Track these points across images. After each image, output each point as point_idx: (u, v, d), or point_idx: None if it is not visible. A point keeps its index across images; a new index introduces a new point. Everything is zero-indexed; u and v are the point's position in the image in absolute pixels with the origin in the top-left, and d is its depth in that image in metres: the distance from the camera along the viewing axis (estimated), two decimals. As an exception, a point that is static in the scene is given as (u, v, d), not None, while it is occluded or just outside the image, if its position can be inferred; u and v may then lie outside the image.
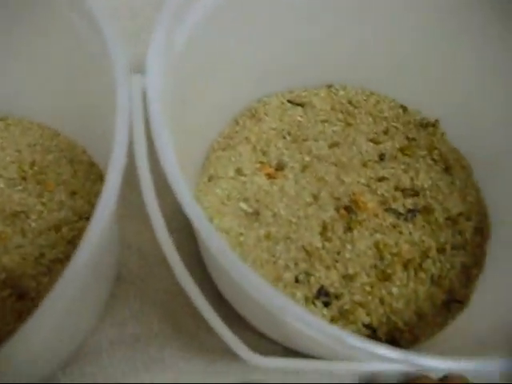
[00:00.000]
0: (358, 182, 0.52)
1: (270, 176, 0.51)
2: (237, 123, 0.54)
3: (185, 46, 0.40)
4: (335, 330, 0.31)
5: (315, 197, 0.51)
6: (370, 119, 0.56)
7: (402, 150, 0.54)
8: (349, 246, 0.49)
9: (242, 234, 0.49)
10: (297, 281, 0.47)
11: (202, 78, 0.46)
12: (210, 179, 0.51)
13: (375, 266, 0.48)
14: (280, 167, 0.52)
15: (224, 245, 0.31)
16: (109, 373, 0.48)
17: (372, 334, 0.47)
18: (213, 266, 0.46)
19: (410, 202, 0.52)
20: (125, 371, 0.48)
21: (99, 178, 0.51)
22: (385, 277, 0.48)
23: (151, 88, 0.35)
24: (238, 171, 0.51)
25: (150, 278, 0.51)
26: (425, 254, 0.49)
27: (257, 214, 0.50)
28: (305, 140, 0.54)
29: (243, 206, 0.50)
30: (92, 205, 0.49)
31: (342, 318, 0.47)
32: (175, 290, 0.50)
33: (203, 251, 0.47)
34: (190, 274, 0.36)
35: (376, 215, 0.50)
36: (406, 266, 0.49)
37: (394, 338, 0.47)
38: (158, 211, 0.36)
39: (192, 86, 0.44)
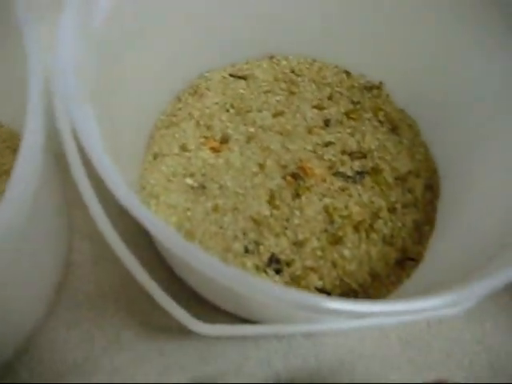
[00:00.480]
0: (305, 148, 0.51)
1: (214, 150, 0.51)
2: (179, 100, 0.54)
3: (108, 23, 0.40)
4: (286, 291, 0.30)
5: (261, 166, 0.50)
6: (314, 86, 0.55)
7: (347, 114, 0.54)
8: (297, 213, 0.48)
9: (189, 208, 0.48)
10: (246, 251, 0.47)
11: (133, 55, 0.45)
12: (155, 157, 0.51)
13: (326, 230, 0.48)
14: (225, 140, 0.51)
15: (165, 227, 0.30)
16: (67, 358, 0.47)
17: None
18: (161, 246, 0.45)
19: (357, 165, 0.51)
20: (83, 355, 0.47)
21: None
22: (336, 240, 0.48)
23: (66, 68, 0.34)
24: (183, 147, 0.51)
25: (103, 261, 0.51)
26: (375, 215, 0.49)
27: (203, 187, 0.49)
28: (248, 111, 0.53)
29: (189, 181, 0.49)
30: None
31: (295, 283, 0.46)
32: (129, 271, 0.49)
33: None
34: (140, 253, 0.36)
35: (324, 180, 0.50)
36: (356, 228, 0.48)
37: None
38: (93, 197, 0.35)
39: (122, 63, 0.44)
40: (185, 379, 0.47)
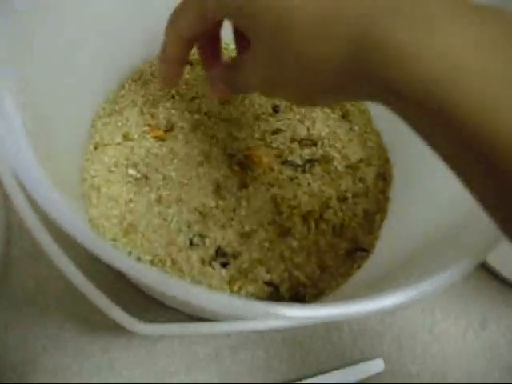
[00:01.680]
0: (252, 136, 0.49)
1: (158, 138, 0.49)
2: (122, 87, 0.51)
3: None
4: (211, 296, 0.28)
5: (207, 156, 0.48)
6: (263, 71, 0.53)
7: (296, 100, 0.52)
8: (244, 203, 0.47)
9: (131, 200, 0.46)
10: (191, 243, 0.45)
11: (70, 39, 0.43)
12: (96, 147, 0.48)
13: (274, 222, 0.46)
14: (169, 128, 0.49)
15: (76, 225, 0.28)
16: (6, 360, 0.45)
17: (274, 291, 0.45)
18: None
19: (307, 153, 0.49)
20: (22, 356, 0.45)
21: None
22: (284, 231, 0.46)
23: None
24: (126, 136, 0.49)
25: (44, 255, 0.49)
26: (325, 205, 0.48)
27: (146, 178, 0.47)
28: (194, 98, 0.51)
29: (131, 171, 0.47)
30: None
31: (242, 277, 0.44)
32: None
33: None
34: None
35: (272, 169, 0.48)
36: (305, 219, 0.47)
37: (298, 294, 0.45)
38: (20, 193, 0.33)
39: (57, 48, 0.41)
40: (130, 376, 0.46)
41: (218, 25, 0.40)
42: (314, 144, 0.50)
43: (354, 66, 0.28)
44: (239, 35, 0.41)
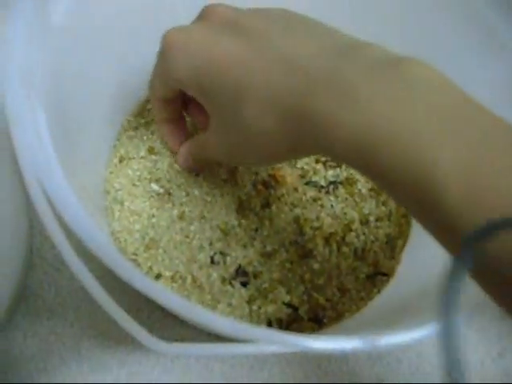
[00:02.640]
0: (277, 155, 0.49)
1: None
2: (148, 100, 0.51)
3: (68, 13, 0.37)
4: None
5: (231, 174, 0.48)
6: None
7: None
8: (267, 223, 0.47)
9: (153, 215, 0.46)
10: (212, 261, 0.45)
11: (96, 55, 0.43)
12: (121, 160, 0.49)
13: (295, 242, 0.46)
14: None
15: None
16: (23, 368, 0.45)
17: (293, 312, 0.44)
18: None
19: (331, 174, 0.49)
20: (40, 365, 0.46)
21: None
22: (305, 253, 0.46)
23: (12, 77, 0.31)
24: (150, 151, 0.49)
25: (65, 266, 0.49)
26: (347, 227, 0.47)
27: (169, 194, 0.47)
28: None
29: (154, 186, 0.47)
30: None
31: (261, 297, 0.44)
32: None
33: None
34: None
35: (295, 189, 0.48)
36: (327, 241, 0.47)
37: (316, 316, 0.45)
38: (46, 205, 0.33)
39: (83, 63, 0.42)
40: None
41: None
42: (339, 166, 0.50)
43: (294, 136, 0.32)
44: (195, 111, 0.45)
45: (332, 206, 0.48)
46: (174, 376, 0.46)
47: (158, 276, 0.44)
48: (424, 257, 0.46)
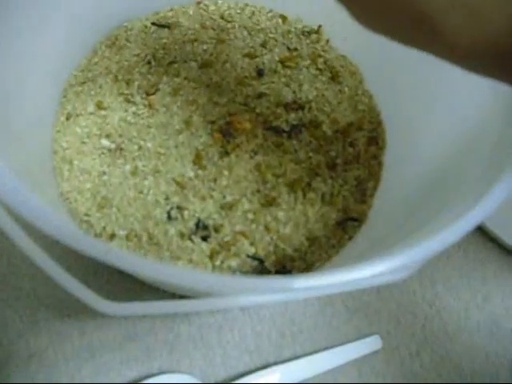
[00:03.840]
0: (234, 101, 0.46)
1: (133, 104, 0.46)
2: (95, 53, 0.48)
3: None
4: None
5: (186, 123, 0.45)
6: (246, 33, 0.50)
7: (282, 61, 0.49)
8: (226, 172, 0.43)
9: (105, 172, 0.43)
10: (169, 217, 0.42)
11: (41, 9, 0.40)
12: (68, 117, 0.45)
13: (258, 191, 0.43)
14: (146, 95, 0.46)
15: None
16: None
17: (260, 265, 0.42)
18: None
19: (293, 117, 0.46)
20: (-3, 340, 0.43)
21: None
22: (269, 201, 0.43)
23: None
24: (99, 105, 0.46)
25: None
26: (313, 172, 0.44)
27: (120, 149, 0.44)
28: (172, 62, 0.48)
29: (105, 142, 0.44)
30: None
31: (224, 250, 0.41)
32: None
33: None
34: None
35: (255, 136, 0.45)
36: (292, 188, 0.44)
37: (284, 268, 0.42)
38: None
39: (31, 12, 0.38)
40: (110, 359, 0.43)
41: None
42: (301, 108, 0.46)
43: None
44: None
45: (295, 150, 0.45)
46: (138, 342, 0.43)
47: (112, 236, 0.41)
48: (396, 199, 0.43)
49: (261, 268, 0.42)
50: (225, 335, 0.44)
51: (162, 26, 0.49)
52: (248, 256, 0.42)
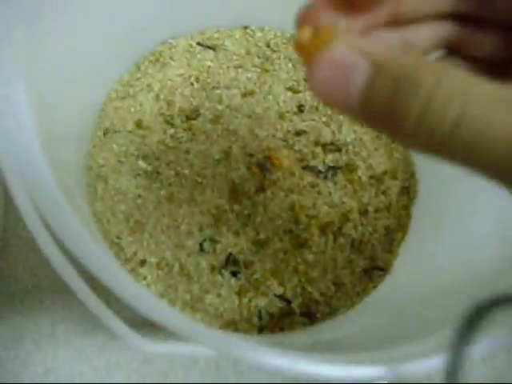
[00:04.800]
0: (274, 136, 0.46)
1: (173, 128, 0.45)
2: (138, 69, 0.47)
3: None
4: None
5: (225, 153, 0.45)
6: (290, 65, 0.49)
7: (323, 100, 0.49)
8: (260, 209, 0.44)
9: (140, 195, 0.43)
10: (202, 249, 0.42)
11: (88, 19, 0.39)
12: (105, 133, 0.45)
13: (290, 231, 0.44)
14: (186, 119, 0.46)
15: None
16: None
17: (286, 306, 0.42)
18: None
19: (330, 159, 0.46)
20: (13, 351, 0.43)
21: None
22: (300, 242, 0.43)
23: None
24: (138, 124, 0.45)
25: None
26: (345, 217, 0.45)
27: (157, 173, 0.44)
28: (215, 88, 0.47)
29: (142, 164, 0.44)
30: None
31: (252, 288, 0.42)
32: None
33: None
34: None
35: (292, 173, 0.45)
36: (323, 231, 0.44)
37: (309, 310, 0.42)
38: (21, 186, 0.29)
39: (77, 23, 0.37)
40: (126, 380, 0.43)
41: None
42: (339, 150, 0.47)
43: None
44: None
45: (330, 193, 0.45)
46: (155, 366, 0.43)
47: (143, 262, 0.41)
48: (422, 252, 0.44)
49: (287, 309, 0.42)
50: (238, 365, 0.45)
51: (208, 47, 0.49)
52: (276, 296, 0.42)
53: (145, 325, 0.42)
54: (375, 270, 0.44)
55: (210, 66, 0.48)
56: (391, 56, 0.18)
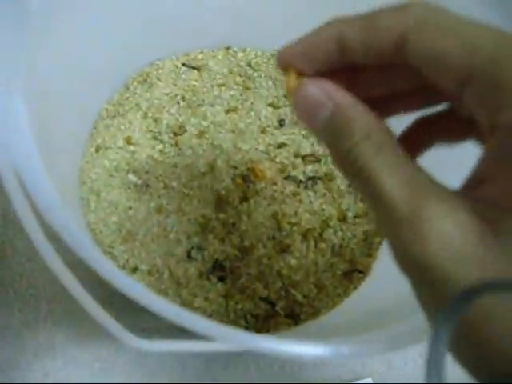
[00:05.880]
0: (256, 149, 0.49)
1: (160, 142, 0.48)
2: (127, 89, 0.50)
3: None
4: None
5: (211, 166, 0.48)
6: (270, 83, 0.53)
7: (303, 114, 0.52)
8: (245, 217, 0.46)
9: (131, 207, 0.46)
10: (189, 256, 0.45)
11: (81, 39, 0.42)
12: (97, 150, 0.48)
13: (273, 238, 0.46)
14: (173, 135, 0.49)
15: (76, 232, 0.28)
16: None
17: (271, 308, 0.44)
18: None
19: (310, 169, 0.49)
20: (13, 361, 0.45)
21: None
22: (283, 248, 0.46)
23: None
24: (128, 140, 0.48)
25: (38, 256, 0.48)
26: (325, 224, 0.47)
27: (146, 185, 0.46)
28: (200, 105, 0.50)
29: (132, 177, 0.47)
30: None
31: (238, 292, 0.44)
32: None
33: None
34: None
35: (274, 184, 0.48)
36: (305, 237, 0.47)
37: (293, 312, 0.45)
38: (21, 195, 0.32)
39: (62, 48, 0.40)
40: (122, 381, 0.45)
41: None
42: (318, 161, 0.49)
43: None
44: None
45: (310, 201, 0.48)
46: (150, 369, 0.46)
47: (135, 269, 0.44)
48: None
49: (271, 311, 0.45)
50: (229, 370, 0.47)
51: (192, 68, 0.52)
52: (261, 298, 0.44)
53: (139, 327, 0.45)
54: (355, 273, 0.47)
55: (194, 85, 0.51)
56: (346, 103, 0.23)
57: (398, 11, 0.22)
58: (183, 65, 0.52)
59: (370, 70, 0.26)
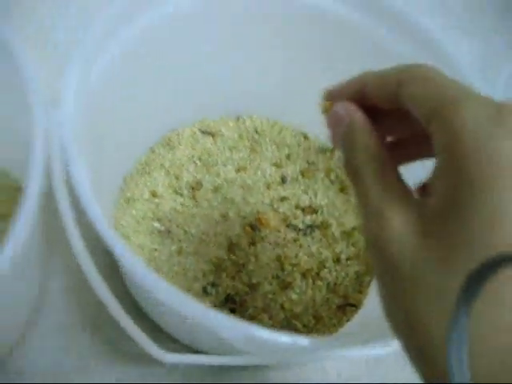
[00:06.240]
0: (263, 202, 0.58)
1: (180, 196, 0.57)
2: (152, 151, 0.59)
3: (101, 81, 0.45)
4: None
5: (224, 216, 0.56)
6: (274, 146, 0.62)
7: (302, 172, 0.60)
8: (253, 259, 0.54)
9: (155, 249, 0.54)
10: (205, 291, 0.52)
11: (118, 111, 0.51)
12: (127, 201, 0.56)
13: (277, 276, 0.54)
14: (192, 189, 0.57)
15: (136, 260, 0.35)
16: (37, 379, 0.51)
17: (275, 337, 0.52)
18: (131, 281, 0.51)
19: (309, 219, 0.57)
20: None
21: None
22: (285, 285, 0.53)
23: (66, 120, 0.39)
24: (153, 194, 0.56)
25: (76, 291, 0.55)
26: (322, 265, 0.55)
27: (169, 232, 0.55)
28: (214, 165, 0.59)
29: (156, 225, 0.55)
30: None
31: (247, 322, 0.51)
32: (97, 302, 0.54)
33: (122, 269, 0.52)
34: (110, 288, 0.40)
35: (278, 231, 0.56)
36: (304, 276, 0.54)
37: (294, 340, 0.52)
38: (76, 232, 0.40)
39: (109, 120, 0.49)
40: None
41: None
42: (315, 212, 0.58)
43: None
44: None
45: (309, 246, 0.56)
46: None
47: (158, 302, 0.51)
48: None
49: (275, 339, 0.52)
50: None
51: (208, 134, 0.61)
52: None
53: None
54: (348, 306, 0.54)
55: (210, 148, 0.60)
56: (358, 119, 0.31)
57: (403, 67, 0.31)
58: (200, 131, 0.61)
59: (388, 116, 0.33)
